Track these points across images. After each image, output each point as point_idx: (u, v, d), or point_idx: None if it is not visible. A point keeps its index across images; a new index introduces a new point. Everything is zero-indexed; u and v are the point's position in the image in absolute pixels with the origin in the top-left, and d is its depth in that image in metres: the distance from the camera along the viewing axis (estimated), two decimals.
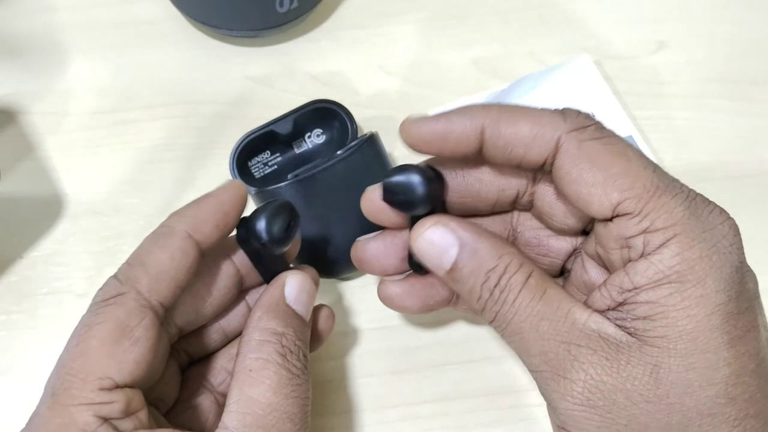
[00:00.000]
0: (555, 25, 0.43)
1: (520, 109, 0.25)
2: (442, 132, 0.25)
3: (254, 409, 0.23)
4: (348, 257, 0.34)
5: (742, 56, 0.42)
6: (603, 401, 0.22)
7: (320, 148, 0.38)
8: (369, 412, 0.33)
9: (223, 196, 0.26)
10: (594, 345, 0.22)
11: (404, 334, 0.34)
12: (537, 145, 0.24)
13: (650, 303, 0.22)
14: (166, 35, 0.42)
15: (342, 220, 0.33)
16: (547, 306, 0.23)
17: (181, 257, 0.24)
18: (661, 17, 0.43)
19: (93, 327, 0.23)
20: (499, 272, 0.24)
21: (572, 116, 0.24)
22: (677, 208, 0.22)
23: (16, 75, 0.40)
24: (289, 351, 0.25)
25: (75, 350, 0.23)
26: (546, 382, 0.23)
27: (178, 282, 0.25)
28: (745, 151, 0.39)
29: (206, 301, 0.27)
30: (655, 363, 0.22)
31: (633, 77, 0.41)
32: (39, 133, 0.39)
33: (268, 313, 0.26)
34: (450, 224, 0.25)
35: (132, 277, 0.24)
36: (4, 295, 0.35)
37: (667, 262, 0.22)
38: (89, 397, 0.22)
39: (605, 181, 0.23)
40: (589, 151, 0.23)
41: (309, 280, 0.27)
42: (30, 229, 0.37)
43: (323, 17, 0.43)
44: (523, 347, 0.24)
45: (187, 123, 0.39)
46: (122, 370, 0.23)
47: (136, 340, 0.23)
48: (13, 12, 0.42)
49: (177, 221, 0.25)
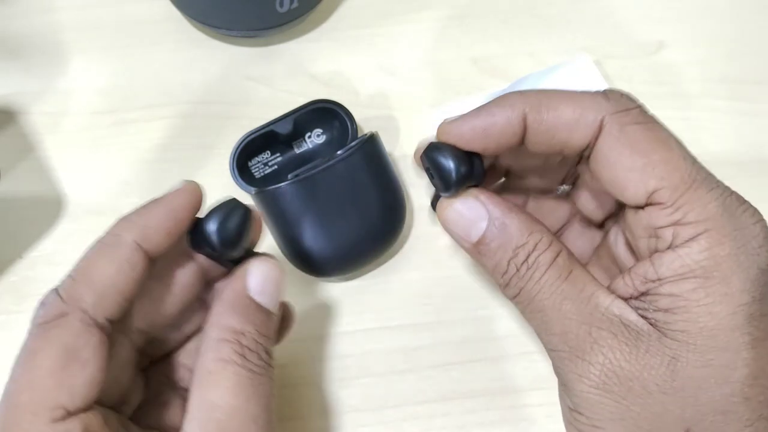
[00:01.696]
0: (555, 25, 0.43)
1: (560, 93, 0.24)
2: (484, 126, 0.24)
3: (216, 415, 0.22)
4: (348, 257, 0.34)
5: (742, 56, 0.42)
6: (619, 387, 0.22)
7: (320, 148, 0.38)
8: (369, 411, 0.33)
9: (176, 202, 0.25)
10: (615, 330, 0.22)
11: (404, 334, 0.34)
12: (581, 127, 0.23)
13: (673, 296, 0.22)
14: (166, 35, 0.42)
15: (342, 220, 0.33)
16: (572, 286, 0.23)
17: (129, 270, 0.23)
18: (661, 17, 0.43)
19: (38, 354, 0.22)
20: (528, 249, 0.24)
21: (616, 97, 0.24)
22: (711, 203, 0.22)
23: (16, 75, 0.40)
24: (248, 350, 0.24)
25: (21, 381, 0.22)
26: (563, 362, 0.23)
27: (125, 295, 0.23)
28: (745, 150, 0.39)
29: (168, 302, 0.26)
30: (673, 355, 0.22)
31: (633, 77, 0.41)
32: (39, 133, 0.39)
33: (227, 310, 0.25)
34: (481, 197, 0.25)
35: (75, 295, 0.23)
36: (4, 295, 0.35)
37: (695, 256, 0.22)
38: (42, 431, 0.21)
39: (644, 167, 0.22)
40: (630, 136, 0.23)
41: (274, 267, 0.26)
42: (30, 229, 0.37)
43: (323, 17, 0.43)
44: (544, 325, 0.24)
45: (187, 123, 0.39)
46: (73, 396, 0.22)
47: (84, 363, 0.22)
48: (14, 12, 0.42)
49: (125, 229, 0.24)
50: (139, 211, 0.25)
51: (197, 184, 0.26)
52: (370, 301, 0.35)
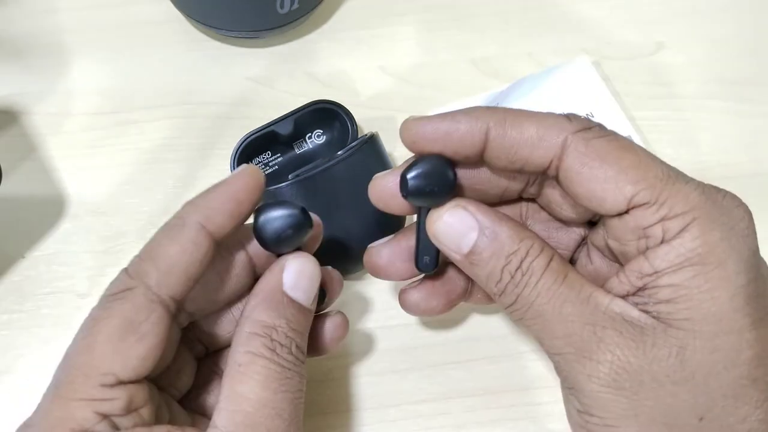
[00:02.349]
0: (554, 25, 0.43)
1: (524, 113, 0.25)
2: (446, 131, 0.25)
3: (243, 407, 0.23)
4: (348, 257, 0.34)
5: (741, 57, 0.42)
6: (630, 383, 0.22)
7: (321, 149, 0.38)
8: (370, 410, 0.33)
9: (237, 184, 0.25)
10: (619, 327, 0.22)
11: (404, 333, 0.35)
12: (543, 146, 0.24)
13: (673, 286, 0.22)
14: (168, 36, 0.42)
15: (342, 220, 0.33)
16: (569, 289, 0.23)
17: (193, 250, 0.24)
18: (660, 18, 0.43)
19: (100, 321, 0.23)
20: (521, 255, 0.24)
21: (577, 119, 0.24)
22: (692, 193, 0.22)
23: (18, 76, 0.40)
24: (279, 344, 0.24)
25: (81, 344, 0.23)
26: (570, 364, 0.23)
27: (189, 275, 0.24)
28: (744, 151, 0.40)
29: (218, 290, 0.27)
30: (681, 345, 0.22)
31: (632, 78, 0.41)
32: (41, 133, 0.39)
33: (261, 303, 0.25)
34: (469, 207, 0.25)
35: (141, 271, 0.24)
36: (6, 295, 0.35)
37: (689, 245, 0.22)
38: (90, 393, 0.22)
39: (617, 175, 0.23)
40: (597, 149, 0.23)
41: (310, 263, 0.26)
42: (32, 229, 0.37)
43: (324, 18, 0.43)
44: (545, 330, 0.24)
45: (189, 123, 0.39)
46: (126, 367, 0.23)
47: (142, 336, 0.23)
48: (15, 13, 0.42)
49: (190, 211, 0.25)
50: (202, 194, 0.25)
51: (257, 168, 0.26)
52: (371, 301, 0.35)
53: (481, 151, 0.25)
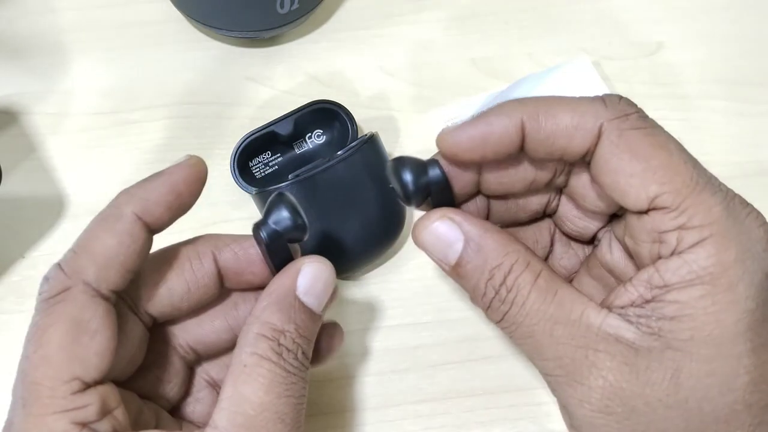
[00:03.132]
0: (554, 26, 0.43)
1: (558, 100, 0.24)
2: (482, 136, 0.24)
3: (245, 409, 0.23)
4: (349, 257, 0.34)
5: (741, 57, 0.42)
6: (622, 408, 0.22)
7: (321, 149, 0.38)
8: (370, 410, 0.33)
9: (177, 176, 0.25)
10: (612, 350, 0.22)
11: (404, 333, 0.35)
12: (579, 134, 0.23)
13: (679, 303, 0.21)
14: (167, 36, 0.42)
15: (343, 220, 0.33)
16: (559, 308, 0.23)
17: (129, 242, 0.23)
18: (660, 18, 0.43)
19: (47, 330, 0.22)
20: (505, 270, 0.23)
21: (614, 103, 0.23)
22: (716, 207, 0.21)
23: (17, 76, 0.40)
24: (286, 349, 0.24)
25: (34, 357, 0.22)
26: (562, 387, 0.23)
27: (127, 267, 0.23)
28: (744, 151, 0.39)
29: (183, 297, 0.26)
30: (676, 367, 0.21)
31: (632, 78, 0.41)
32: (40, 133, 0.39)
33: (272, 305, 0.24)
34: (456, 218, 0.24)
35: (78, 267, 0.23)
36: (6, 295, 0.35)
37: (702, 262, 0.21)
38: (62, 404, 0.22)
39: (644, 172, 0.22)
40: (629, 141, 0.22)
41: (326, 269, 0.26)
42: (32, 229, 0.37)
43: (324, 18, 0.43)
44: (535, 351, 0.23)
45: (188, 123, 0.39)
46: (87, 368, 0.22)
47: (93, 334, 0.22)
48: (15, 13, 0.42)
49: (125, 202, 0.24)
50: (140, 183, 0.25)
51: (200, 159, 0.26)
52: (370, 301, 0.35)
53: (520, 146, 0.24)
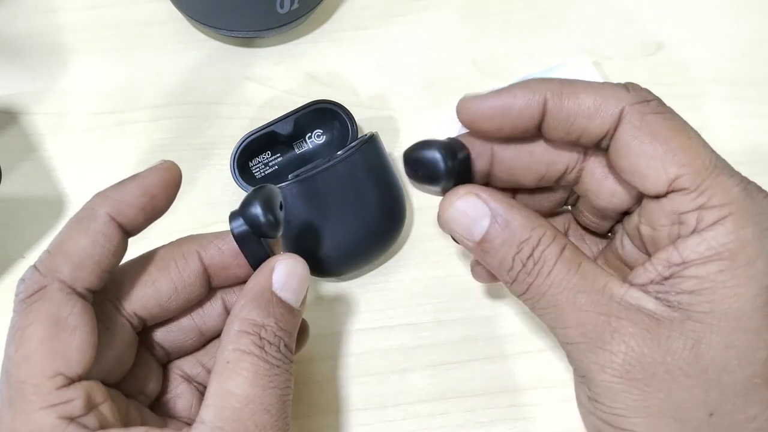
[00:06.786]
0: (554, 26, 0.43)
1: (582, 82, 0.24)
2: (504, 106, 0.24)
3: (231, 402, 0.23)
4: (348, 257, 0.34)
5: (741, 57, 0.42)
6: (642, 374, 0.22)
7: (321, 149, 0.38)
8: (369, 410, 0.33)
9: (151, 179, 0.25)
10: (634, 317, 0.22)
11: (404, 333, 0.35)
12: (600, 116, 0.24)
13: (698, 278, 0.22)
14: (167, 36, 0.42)
15: (342, 220, 0.33)
16: (583, 279, 0.23)
17: (103, 242, 0.24)
18: (660, 18, 0.43)
19: (27, 329, 0.23)
20: (533, 244, 0.24)
21: (636, 89, 0.24)
22: (734, 188, 0.22)
23: (17, 76, 0.41)
24: (267, 342, 0.24)
25: (16, 357, 0.23)
26: (583, 353, 0.23)
27: (102, 266, 0.24)
28: (744, 151, 0.39)
29: (170, 298, 0.27)
30: (697, 338, 0.22)
31: (632, 78, 0.40)
32: (40, 133, 0.39)
33: (250, 302, 0.25)
34: (482, 195, 0.25)
35: (53, 266, 0.23)
36: (6, 295, 0.35)
37: (721, 239, 0.22)
38: (48, 400, 0.22)
39: (665, 155, 0.23)
40: (651, 125, 0.23)
41: (299, 264, 0.26)
42: (31, 229, 0.37)
43: (323, 18, 0.43)
44: (558, 319, 0.24)
45: (188, 123, 0.39)
46: (69, 362, 0.23)
47: (73, 329, 0.23)
48: (15, 13, 0.42)
49: (100, 203, 0.24)
50: (115, 186, 0.25)
51: (174, 164, 0.26)
52: (370, 301, 0.35)
53: (538, 123, 0.25)
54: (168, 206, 0.26)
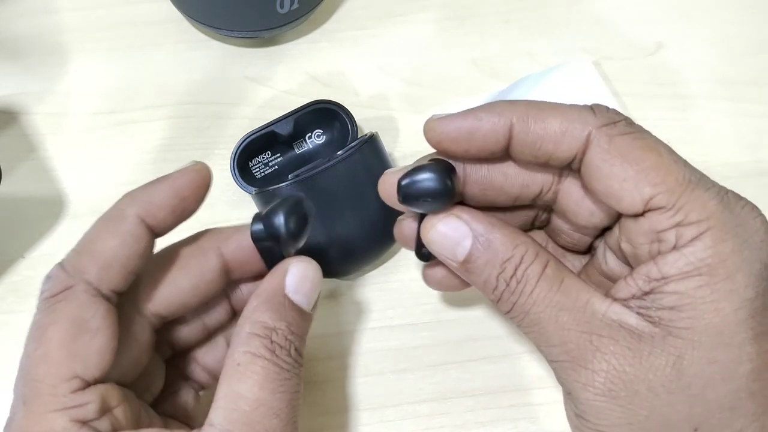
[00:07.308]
0: (554, 25, 0.43)
1: (548, 105, 0.24)
2: (469, 129, 0.24)
3: (241, 405, 0.23)
4: (348, 257, 0.34)
5: (741, 57, 0.42)
6: (625, 392, 0.22)
7: (321, 149, 0.38)
8: (369, 411, 0.33)
9: (181, 180, 0.25)
10: (616, 335, 0.22)
11: (404, 333, 0.35)
12: (567, 140, 0.24)
13: (678, 294, 0.22)
14: (167, 36, 0.42)
15: (342, 220, 0.33)
16: (565, 296, 0.23)
17: (132, 243, 0.24)
18: (660, 18, 0.43)
19: (48, 328, 0.23)
20: (515, 262, 0.24)
21: (602, 112, 0.24)
22: (710, 202, 0.22)
23: (17, 76, 0.40)
24: (278, 346, 0.24)
25: (35, 355, 0.23)
26: (566, 372, 0.23)
27: (129, 268, 0.24)
28: (744, 151, 0.39)
29: (190, 294, 0.26)
30: (679, 354, 0.22)
31: (632, 78, 0.41)
32: (40, 133, 0.39)
33: (262, 305, 0.25)
34: (462, 216, 0.25)
35: (80, 267, 0.23)
36: (6, 295, 0.35)
37: (700, 254, 0.22)
38: (62, 402, 0.22)
39: (637, 175, 0.22)
40: (620, 146, 0.23)
41: (313, 268, 0.26)
42: (32, 229, 0.37)
43: (323, 18, 0.43)
44: (542, 337, 0.24)
45: (188, 123, 0.39)
46: (87, 366, 0.22)
47: (94, 333, 0.23)
48: (15, 13, 0.42)
49: (129, 204, 0.24)
50: (144, 187, 0.25)
51: (205, 165, 0.26)
52: (370, 301, 0.35)
53: (505, 147, 0.25)
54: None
